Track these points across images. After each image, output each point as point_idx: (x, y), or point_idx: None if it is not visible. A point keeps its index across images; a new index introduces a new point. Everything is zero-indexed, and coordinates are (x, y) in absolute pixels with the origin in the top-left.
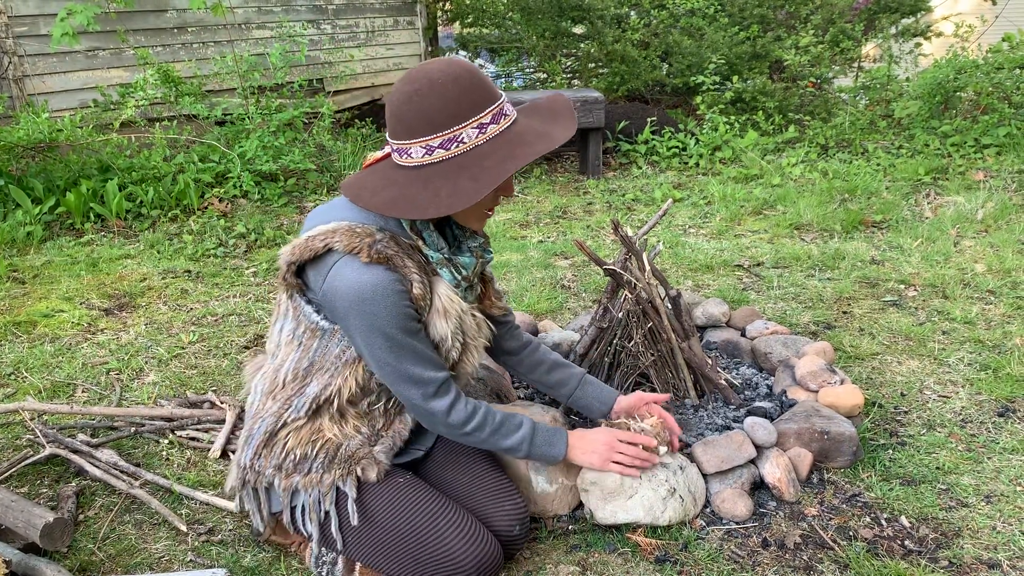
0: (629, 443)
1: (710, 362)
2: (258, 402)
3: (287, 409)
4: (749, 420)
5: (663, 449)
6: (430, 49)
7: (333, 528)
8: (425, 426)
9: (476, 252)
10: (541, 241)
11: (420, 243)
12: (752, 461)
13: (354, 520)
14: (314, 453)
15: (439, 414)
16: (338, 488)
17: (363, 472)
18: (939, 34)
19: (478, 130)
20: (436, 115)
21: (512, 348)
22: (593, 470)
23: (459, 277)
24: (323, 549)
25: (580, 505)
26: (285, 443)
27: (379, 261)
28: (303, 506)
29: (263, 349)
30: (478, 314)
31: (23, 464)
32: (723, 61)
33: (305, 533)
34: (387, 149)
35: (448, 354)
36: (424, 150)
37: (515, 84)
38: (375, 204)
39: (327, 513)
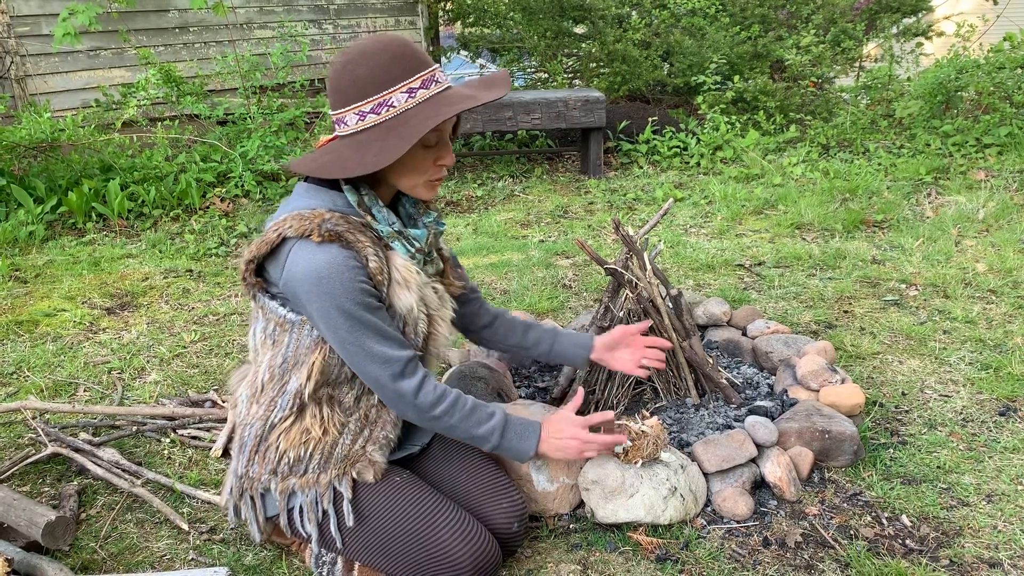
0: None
1: (711, 361)
2: (244, 410)
3: (272, 410)
4: (750, 419)
5: (664, 453)
6: (431, 49)
7: (332, 527)
8: (394, 410)
9: (430, 226)
10: (542, 240)
11: (370, 219)
12: (753, 460)
13: (349, 521)
14: (308, 454)
15: (407, 395)
16: (335, 488)
17: (359, 475)
18: (940, 34)
19: (407, 94)
20: (366, 82)
21: (486, 322)
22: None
23: (412, 249)
24: (322, 549)
25: (581, 504)
26: (278, 446)
27: (331, 239)
28: (300, 507)
29: (247, 358)
30: (438, 286)
31: (25, 463)
32: (724, 61)
33: (304, 534)
34: None
35: (417, 327)
36: (357, 116)
37: (517, 84)
38: (308, 169)
39: (325, 512)
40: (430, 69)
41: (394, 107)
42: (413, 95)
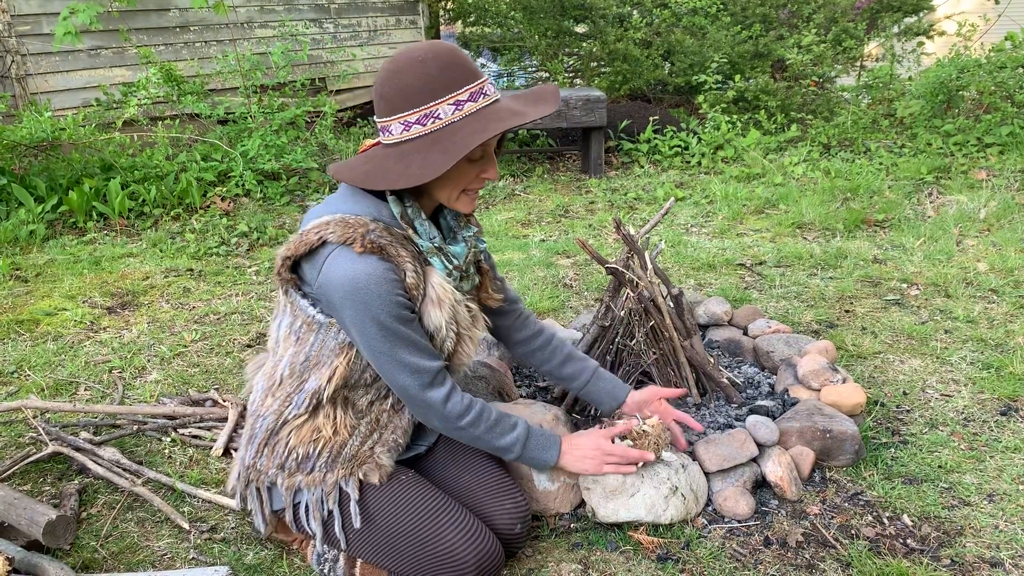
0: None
1: (712, 361)
2: (259, 400)
3: (287, 406)
4: (751, 419)
5: (664, 452)
6: None
7: (336, 527)
8: (420, 419)
9: (469, 241)
10: (543, 240)
11: (411, 232)
12: (754, 460)
13: (356, 523)
14: (316, 452)
15: (435, 405)
16: (341, 488)
17: (365, 476)
18: (942, 33)
19: (454, 106)
20: (414, 91)
21: (522, 338)
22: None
23: (450, 266)
24: (326, 547)
25: (582, 503)
26: (287, 442)
27: (372, 251)
28: (306, 505)
29: (265, 347)
30: (473, 305)
31: (26, 462)
32: (725, 60)
33: (309, 531)
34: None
35: (443, 344)
36: (402, 126)
37: (517, 83)
38: (351, 178)
39: (330, 512)
40: (479, 81)
41: (440, 119)
42: (460, 108)
